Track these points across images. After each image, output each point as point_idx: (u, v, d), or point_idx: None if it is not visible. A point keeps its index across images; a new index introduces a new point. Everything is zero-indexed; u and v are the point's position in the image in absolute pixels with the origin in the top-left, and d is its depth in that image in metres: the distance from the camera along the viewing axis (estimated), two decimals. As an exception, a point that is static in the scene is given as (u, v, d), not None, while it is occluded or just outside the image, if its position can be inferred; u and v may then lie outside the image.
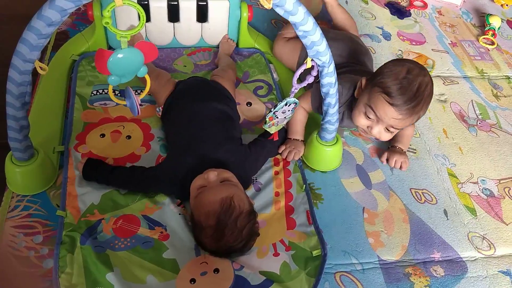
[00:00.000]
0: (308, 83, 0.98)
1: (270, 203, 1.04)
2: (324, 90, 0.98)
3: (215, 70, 1.29)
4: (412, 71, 1.02)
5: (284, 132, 1.17)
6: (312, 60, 0.91)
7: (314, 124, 1.19)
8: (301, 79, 0.99)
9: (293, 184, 1.09)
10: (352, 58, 1.28)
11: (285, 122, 1.07)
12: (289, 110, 1.03)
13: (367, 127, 1.09)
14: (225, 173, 0.96)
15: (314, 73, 0.95)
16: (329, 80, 0.95)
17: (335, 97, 0.99)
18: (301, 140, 1.16)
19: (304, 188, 1.08)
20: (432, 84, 1.05)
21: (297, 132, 1.16)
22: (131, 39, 1.27)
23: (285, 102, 0.99)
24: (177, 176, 0.99)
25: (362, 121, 1.09)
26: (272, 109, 0.99)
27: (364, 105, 1.07)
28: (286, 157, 1.12)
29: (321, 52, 0.89)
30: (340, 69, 1.18)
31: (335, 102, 1.01)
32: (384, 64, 1.07)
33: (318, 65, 0.93)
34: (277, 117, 1.03)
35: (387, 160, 1.19)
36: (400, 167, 1.18)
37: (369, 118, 1.07)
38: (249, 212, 0.90)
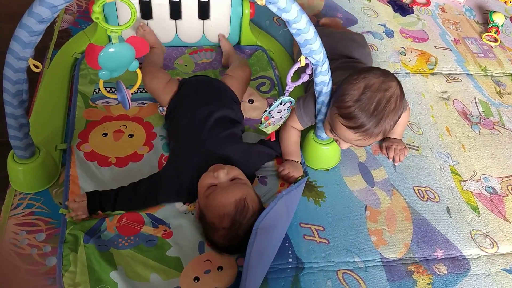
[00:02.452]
0: (303, 81, 0.96)
1: (274, 196, 1.04)
2: (317, 88, 0.97)
3: (230, 68, 1.24)
4: (370, 87, 0.93)
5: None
6: (306, 58, 0.90)
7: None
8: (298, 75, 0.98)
9: None
10: (339, 55, 1.23)
11: (281, 122, 1.06)
12: (285, 109, 1.02)
13: (336, 141, 1.06)
14: (234, 170, 0.95)
15: (309, 71, 0.93)
16: (323, 78, 0.94)
17: (328, 96, 0.98)
18: (299, 162, 1.11)
19: (302, 176, 1.09)
20: (398, 94, 0.95)
21: (293, 153, 1.11)
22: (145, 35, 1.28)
23: (280, 101, 0.98)
24: (181, 181, 0.98)
25: (330, 135, 1.05)
26: (267, 109, 0.98)
27: (328, 122, 1.02)
28: (284, 177, 1.08)
29: (314, 51, 0.87)
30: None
31: (328, 101, 0.99)
32: (346, 77, 0.98)
33: (312, 64, 0.91)
34: (273, 117, 1.01)
35: (387, 149, 1.19)
36: (399, 159, 1.19)
37: (335, 134, 1.02)
38: (259, 210, 0.90)
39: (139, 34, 1.29)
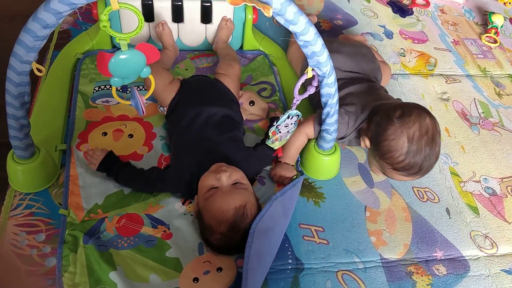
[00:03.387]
0: (310, 94, 0.96)
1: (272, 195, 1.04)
2: (323, 99, 0.97)
3: (219, 65, 1.24)
4: (413, 137, 0.97)
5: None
6: (312, 69, 0.90)
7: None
8: (304, 88, 0.97)
9: None
10: (351, 71, 1.22)
11: (288, 137, 1.06)
12: (292, 124, 1.02)
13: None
14: (236, 173, 0.94)
15: (315, 83, 0.93)
16: (329, 90, 0.94)
17: (334, 107, 0.97)
18: (292, 165, 1.11)
19: (298, 175, 1.09)
20: (434, 123, 0.99)
21: (290, 156, 1.11)
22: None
23: (287, 115, 0.97)
24: (182, 178, 0.98)
25: (380, 175, 1.11)
26: (275, 123, 0.98)
27: (380, 171, 1.07)
28: (278, 180, 1.09)
29: (322, 63, 0.87)
30: (340, 84, 1.15)
31: (333, 112, 0.99)
32: (382, 129, 1.00)
33: (319, 75, 0.91)
34: (280, 132, 1.01)
35: None
36: None
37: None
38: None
39: (157, 31, 1.28)
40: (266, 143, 1.03)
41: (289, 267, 0.96)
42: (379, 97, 1.13)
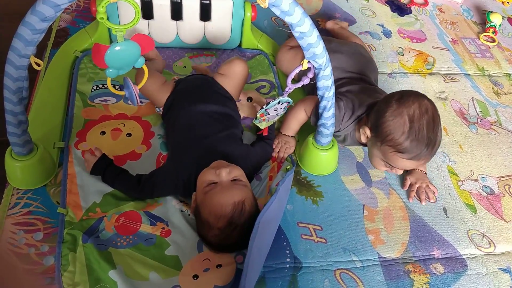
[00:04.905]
0: (304, 84, 0.97)
1: (265, 188, 1.04)
2: (320, 93, 0.97)
3: (220, 67, 1.21)
4: (414, 115, 0.97)
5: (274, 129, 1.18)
6: (308, 62, 0.90)
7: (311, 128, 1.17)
8: (296, 80, 0.98)
9: (283, 165, 1.11)
10: (354, 72, 1.22)
11: (276, 119, 1.08)
12: (281, 109, 1.04)
13: (391, 169, 1.08)
14: (236, 170, 0.94)
15: (311, 75, 0.94)
16: (325, 83, 0.94)
17: (330, 100, 0.97)
18: (292, 136, 1.16)
19: (290, 167, 1.09)
20: (433, 105, 1.00)
21: (291, 129, 1.16)
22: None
23: (277, 100, 0.99)
24: (179, 176, 0.98)
25: (383, 168, 1.09)
26: (264, 107, 1.00)
27: (381, 160, 1.05)
28: (278, 152, 1.12)
29: (317, 55, 0.87)
30: (341, 82, 1.16)
31: (330, 106, 0.98)
32: (382, 112, 1.00)
33: (315, 68, 0.91)
34: (268, 114, 1.03)
35: (410, 185, 1.14)
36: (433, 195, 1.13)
37: (391, 166, 1.05)
38: (255, 213, 0.89)
39: None
40: (253, 122, 1.04)
41: (287, 265, 0.96)
42: (378, 98, 1.13)
